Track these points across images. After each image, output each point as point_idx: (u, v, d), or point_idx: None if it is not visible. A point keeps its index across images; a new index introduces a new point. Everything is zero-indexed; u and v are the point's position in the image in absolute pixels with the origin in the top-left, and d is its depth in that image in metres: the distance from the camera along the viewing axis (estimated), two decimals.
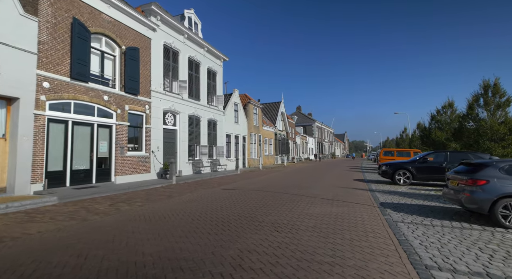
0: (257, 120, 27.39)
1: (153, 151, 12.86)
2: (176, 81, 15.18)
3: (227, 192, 9.83)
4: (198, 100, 17.01)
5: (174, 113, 14.86)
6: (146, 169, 12.46)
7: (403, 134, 47.23)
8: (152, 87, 13.10)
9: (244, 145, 24.09)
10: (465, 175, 6.06)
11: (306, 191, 10.06)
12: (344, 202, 7.84)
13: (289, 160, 38.85)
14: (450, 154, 12.49)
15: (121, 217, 5.95)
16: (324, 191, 9.96)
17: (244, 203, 7.67)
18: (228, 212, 6.42)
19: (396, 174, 12.60)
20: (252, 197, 8.69)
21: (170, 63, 14.63)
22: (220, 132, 19.48)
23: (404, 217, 6.22)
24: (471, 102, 17.98)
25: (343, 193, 9.57)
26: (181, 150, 15.09)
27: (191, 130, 16.10)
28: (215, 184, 12.21)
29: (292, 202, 7.83)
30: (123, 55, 11.46)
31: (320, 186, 11.45)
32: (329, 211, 6.60)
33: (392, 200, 8.47)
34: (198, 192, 9.73)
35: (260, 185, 11.91)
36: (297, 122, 62.13)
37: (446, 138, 24.24)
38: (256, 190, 10.18)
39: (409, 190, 10.71)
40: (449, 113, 25.64)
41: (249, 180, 14.27)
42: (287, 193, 9.42)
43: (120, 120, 11.19)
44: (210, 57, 18.56)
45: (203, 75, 17.72)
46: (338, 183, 12.87)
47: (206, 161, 17.40)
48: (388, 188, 11.43)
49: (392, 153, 24.23)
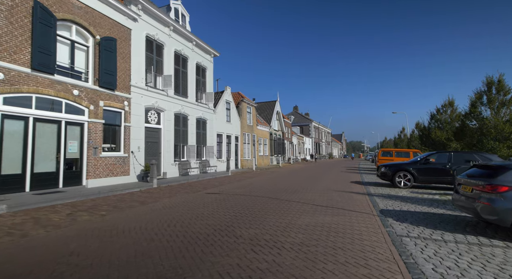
0: (251, 119, 26.39)
1: (133, 151, 11.82)
2: (161, 77, 14.14)
3: (210, 196, 8.84)
4: (186, 97, 15.98)
5: (158, 110, 13.82)
6: (125, 171, 11.41)
7: (401, 134, 46.57)
8: (132, 82, 12.06)
9: (236, 145, 23.08)
10: (481, 180, 5.11)
11: (298, 195, 9.10)
12: (340, 209, 6.89)
13: (285, 160, 37.88)
14: (454, 154, 11.61)
15: (70, 232, 4.92)
16: (319, 196, 9.01)
17: (225, 210, 6.69)
18: (202, 224, 5.42)
19: (396, 176, 11.71)
20: (237, 203, 7.70)
21: (154, 57, 13.60)
22: (210, 131, 18.47)
23: (409, 229, 5.27)
24: (474, 100, 17.06)
25: (339, 198, 8.63)
26: (166, 150, 14.06)
27: (178, 129, 15.07)
28: (200, 187, 11.21)
29: (281, 209, 6.85)
30: (98, 46, 10.40)
31: (315, 190, 10.49)
32: (322, 222, 5.64)
33: (393, 206, 7.54)
34: (177, 197, 8.73)
35: (249, 188, 10.93)
36: (294, 122, 61.33)
37: (446, 138, 23.42)
38: (243, 195, 9.20)
39: (411, 194, 9.80)
40: (450, 112, 24.83)
41: (239, 182, 13.28)
42: (277, 199, 8.45)
43: (94, 117, 10.13)
44: (199, 51, 17.53)
45: (191, 70, 16.69)
46: (334, 186, 11.92)
47: (194, 162, 16.37)
48: (387, 191, 10.52)
49: (391, 153, 23.60)
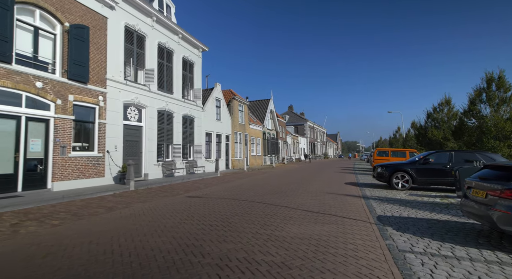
0: (243, 118, 25.47)
1: (109, 151, 10.83)
2: (142, 71, 13.16)
3: (189, 201, 7.92)
4: (171, 93, 15.00)
5: (139, 107, 12.84)
6: (99, 173, 10.42)
7: (397, 134, 46.13)
8: (109, 75, 11.07)
9: (227, 145, 22.15)
10: (498, 183, 4.27)
11: (288, 199, 8.24)
12: (332, 216, 6.03)
13: (279, 160, 37.04)
14: (454, 153, 10.86)
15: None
16: (310, 199, 8.15)
17: (200, 218, 5.79)
18: (167, 237, 4.51)
19: (393, 177, 10.94)
20: (217, 208, 6.80)
21: (134, 49, 12.61)
22: (198, 130, 17.51)
23: (412, 241, 4.43)
24: (473, 97, 16.40)
25: (332, 202, 7.79)
26: (148, 149, 13.09)
27: (161, 128, 14.10)
28: (182, 190, 10.29)
29: (265, 216, 5.97)
30: (67, 34, 9.40)
31: (307, 192, 9.64)
32: (310, 233, 4.77)
33: (391, 211, 6.71)
34: (152, 202, 7.79)
35: (236, 191, 10.04)
36: (289, 121, 60.58)
37: (443, 137, 22.80)
38: (227, 198, 8.30)
39: (410, 197, 9.00)
40: (446, 111, 24.22)
41: (227, 184, 12.38)
42: (264, 203, 7.57)
43: (61, 113, 9.13)
44: (186, 45, 16.56)
45: (177, 65, 15.73)
46: (328, 187, 11.09)
47: (180, 163, 15.41)
48: (384, 193, 9.72)
49: (387, 153, 22.97)
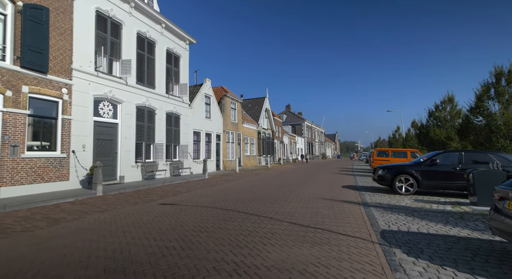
0: (236, 116, 24.21)
1: (75, 150, 9.55)
2: (118, 62, 11.89)
3: (159, 210, 6.67)
4: (152, 88, 13.73)
5: (114, 102, 11.56)
6: (62, 176, 9.15)
7: (396, 134, 45.00)
8: (75, 65, 9.79)
9: (218, 145, 20.89)
10: None
11: (276, 206, 7.02)
12: (325, 232, 4.80)
13: (275, 161, 35.80)
14: (465, 154, 9.70)
15: None
16: (301, 207, 6.93)
17: (158, 236, 4.53)
18: (94, 270, 3.25)
19: (396, 180, 9.77)
20: (186, 221, 5.56)
21: (108, 38, 11.33)
22: (184, 128, 16.24)
23: (431, 274, 3.21)
24: (481, 93, 15.24)
25: (326, 211, 6.57)
26: (125, 149, 11.82)
27: (141, 125, 12.83)
28: (159, 195, 9.05)
29: (242, 233, 4.73)
30: (20, 15, 8.14)
31: (299, 197, 8.41)
32: (294, 259, 3.53)
33: (397, 223, 5.51)
34: (114, 211, 6.54)
35: (219, 196, 8.79)
36: (286, 121, 59.42)
37: (446, 136, 21.65)
38: (204, 206, 7.06)
39: (416, 203, 7.80)
40: (449, 109, 23.08)
41: (212, 187, 11.15)
42: (246, 212, 6.34)
43: (12, 106, 7.85)
44: (170, 36, 15.29)
45: (160, 57, 14.46)
46: (323, 191, 9.87)
47: (164, 164, 14.14)
48: (387, 199, 8.52)
49: (387, 153, 21.83)
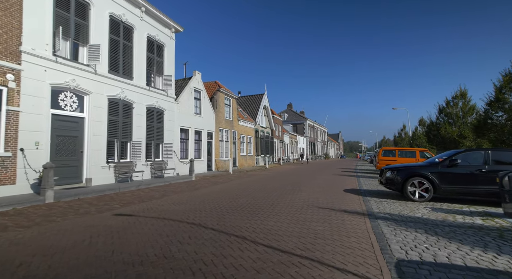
0: (230, 113, 22.57)
1: (23, 148, 7.98)
2: (85, 47, 10.33)
3: (107, 223, 5.07)
4: (129, 78, 12.15)
5: (80, 93, 9.99)
6: (7, 179, 7.57)
7: (402, 133, 43.06)
8: (26, 48, 8.22)
9: (210, 143, 19.28)
10: None
11: (257, 219, 5.40)
12: (314, 266, 3.11)
13: (274, 161, 34.12)
14: (492, 153, 8.02)
15: None
16: (289, 221, 5.28)
17: (75, 269, 2.93)
18: None
19: (408, 184, 8.18)
20: (128, 243, 3.93)
21: (72, 18, 9.75)
22: (169, 125, 14.65)
23: None
24: (502, 84, 13.47)
25: (321, 226, 4.92)
26: (94, 147, 10.25)
27: (115, 120, 11.25)
28: (123, 202, 7.47)
29: (191, 267, 3.01)
30: None
31: (289, 206, 6.76)
32: None
33: (417, 248, 3.86)
34: (45, 227, 4.95)
35: (195, 203, 7.16)
36: (288, 120, 57.83)
37: (459, 134, 19.90)
38: (167, 219, 5.46)
39: (435, 214, 6.15)
40: (461, 104, 21.29)
41: (193, 192, 9.57)
42: (214, 229, 4.72)
43: None
44: (152, 22, 13.70)
45: (140, 45, 12.87)
46: (321, 197, 8.21)
47: (143, 164, 12.56)
48: (398, 208, 6.88)
49: (394, 152, 20.13)
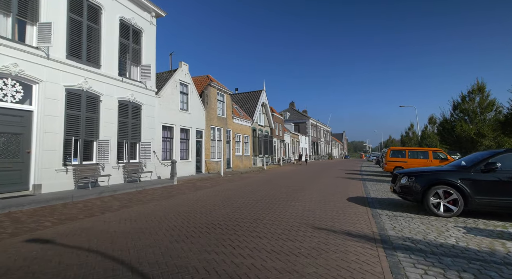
0: (224, 110, 20.76)
1: None
2: (34, 26, 8.61)
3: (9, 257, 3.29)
4: (96, 66, 10.39)
5: (25, 81, 8.26)
6: None
7: (409, 132, 40.81)
8: None
9: (199, 142, 17.50)
10: None
11: (227, 247, 3.56)
12: None
13: (273, 161, 32.25)
14: None
15: None
16: (269, 253, 3.43)
17: None
18: None
19: (430, 193, 6.35)
20: None
21: None
22: (148, 122, 12.89)
23: None
24: None
25: (313, 267, 3.04)
26: (45, 147, 8.53)
27: (75, 115, 9.52)
28: (61, 218, 5.71)
29: None
30: None
31: (276, 226, 4.91)
32: None
33: None
34: None
35: (153, 220, 5.32)
36: (290, 119, 56.00)
37: (476, 133, 17.89)
38: (91, 251, 3.60)
39: (474, 238, 4.27)
40: (479, 100, 19.25)
41: (165, 201, 7.80)
42: (141, 272, 2.89)
43: None
44: (126, 3, 11.92)
45: (111, 29, 11.11)
46: (318, 210, 6.35)
47: (113, 166, 10.81)
48: (421, 228, 4.97)
49: (403, 153, 18.28)
